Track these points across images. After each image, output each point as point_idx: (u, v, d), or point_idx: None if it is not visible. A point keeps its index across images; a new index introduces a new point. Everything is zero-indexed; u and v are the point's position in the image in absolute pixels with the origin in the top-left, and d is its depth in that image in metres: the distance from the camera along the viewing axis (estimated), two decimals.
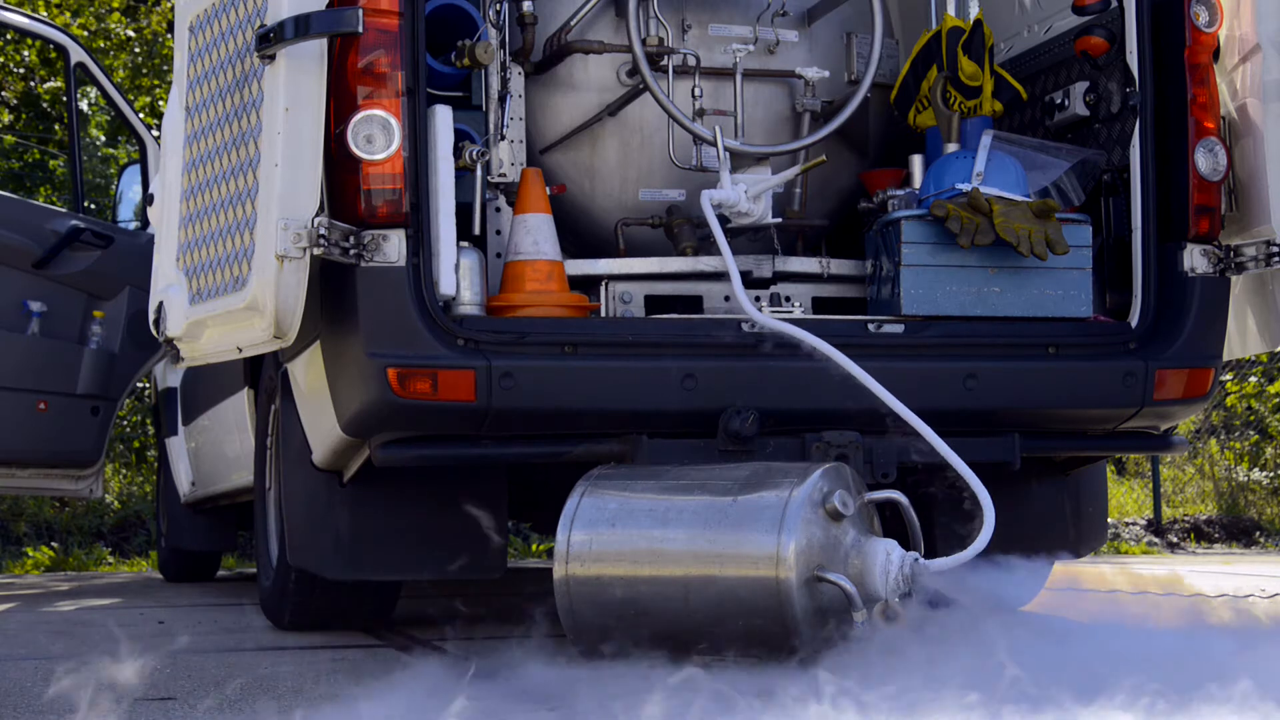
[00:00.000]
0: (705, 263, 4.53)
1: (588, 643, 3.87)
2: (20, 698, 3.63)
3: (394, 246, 4.03)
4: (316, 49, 3.95)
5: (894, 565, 3.69)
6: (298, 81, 3.93)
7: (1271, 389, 12.08)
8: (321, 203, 3.99)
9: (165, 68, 12.89)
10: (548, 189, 4.51)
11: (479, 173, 4.35)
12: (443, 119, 4.15)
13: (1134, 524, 11.08)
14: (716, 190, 4.47)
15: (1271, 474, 11.74)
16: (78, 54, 7.42)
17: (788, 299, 4.57)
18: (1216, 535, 11.03)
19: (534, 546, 10.61)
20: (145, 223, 7.35)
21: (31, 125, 13.46)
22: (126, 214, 8.06)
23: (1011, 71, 4.85)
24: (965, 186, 4.43)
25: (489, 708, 3.36)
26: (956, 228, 4.31)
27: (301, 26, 3.90)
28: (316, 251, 3.93)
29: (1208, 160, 4.50)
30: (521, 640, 3.96)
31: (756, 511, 3.68)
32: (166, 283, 4.43)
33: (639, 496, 3.87)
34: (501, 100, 4.54)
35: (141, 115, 9.25)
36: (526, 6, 4.59)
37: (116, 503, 11.06)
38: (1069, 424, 4.62)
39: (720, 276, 4.48)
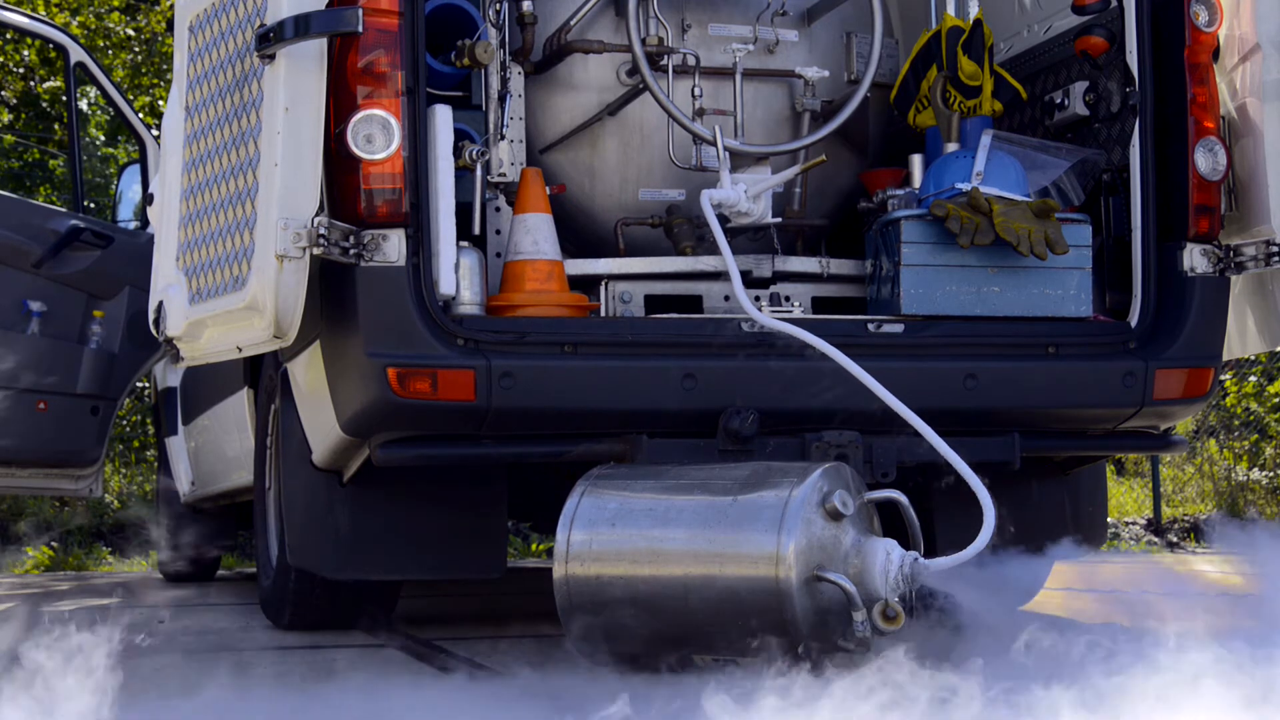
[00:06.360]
0: (705, 262, 4.53)
1: (587, 642, 3.87)
2: (18, 698, 3.62)
3: (394, 246, 4.03)
4: (316, 49, 3.95)
5: (894, 565, 3.69)
6: (298, 81, 3.93)
7: (1271, 389, 12.08)
8: (321, 202, 3.99)
9: (165, 67, 12.88)
10: (548, 189, 4.51)
11: (479, 172, 4.35)
12: (443, 119, 4.15)
13: (1134, 524, 11.08)
14: (716, 190, 4.47)
15: (1271, 474, 11.74)
16: (77, 54, 7.42)
17: (787, 299, 4.57)
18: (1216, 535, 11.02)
19: (534, 546, 10.61)
20: (145, 223, 7.35)
21: (31, 125, 13.46)
22: (126, 214, 8.05)
23: (1011, 71, 4.85)
24: (965, 186, 4.43)
25: (488, 707, 3.36)
26: (956, 227, 4.31)
27: (301, 26, 3.89)
28: (316, 251, 3.93)
29: (1207, 160, 4.50)
30: (521, 640, 3.97)
31: (756, 511, 3.68)
32: (166, 282, 4.43)
33: (639, 496, 3.87)
34: (501, 100, 4.54)
35: (141, 115, 9.25)
36: (526, 6, 4.59)
37: (116, 503, 11.06)
38: (1069, 424, 4.62)
39: (720, 276, 4.48)
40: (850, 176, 5.01)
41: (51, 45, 7.95)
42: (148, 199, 6.29)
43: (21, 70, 13.10)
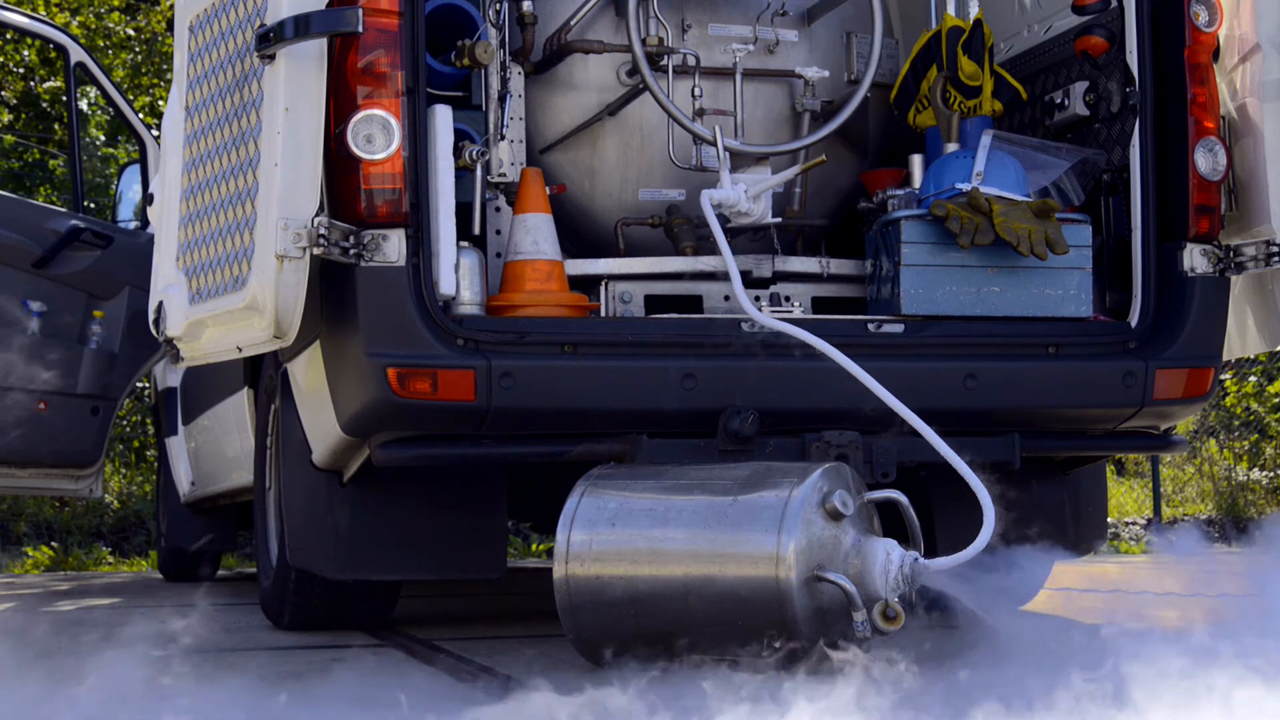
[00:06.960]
0: (705, 262, 4.53)
1: (587, 642, 3.87)
2: (17, 698, 3.63)
3: (394, 246, 4.03)
4: (316, 49, 3.95)
5: (894, 565, 3.69)
6: (298, 81, 3.93)
7: (1271, 389, 12.08)
8: (321, 202, 3.99)
9: (165, 67, 12.89)
10: (548, 189, 4.51)
11: (479, 172, 4.35)
12: (443, 119, 4.15)
13: (1134, 524, 11.08)
14: (716, 190, 4.47)
15: (1271, 474, 11.74)
16: (78, 54, 7.42)
17: (787, 299, 4.57)
18: (1216, 535, 11.02)
19: (534, 546, 10.61)
20: (145, 223, 7.35)
21: (31, 125, 13.46)
22: (126, 214, 8.06)
23: (1011, 71, 4.85)
24: (965, 186, 4.43)
25: (488, 707, 3.36)
26: (956, 227, 4.31)
27: (301, 26, 3.89)
28: (316, 251, 3.93)
29: (1207, 160, 4.50)
30: (521, 640, 3.96)
31: (756, 511, 3.68)
32: (166, 282, 4.43)
33: (639, 496, 3.86)
34: (501, 100, 4.54)
35: (141, 115, 9.25)
36: (526, 6, 4.59)
37: (116, 503, 11.06)
38: (1069, 424, 4.62)
39: (720, 276, 4.48)
40: (850, 176, 5.01)
41: (51, 45, 7.95)
42: (148, 199, 6.29)
43: (21, 70, 13.10)
